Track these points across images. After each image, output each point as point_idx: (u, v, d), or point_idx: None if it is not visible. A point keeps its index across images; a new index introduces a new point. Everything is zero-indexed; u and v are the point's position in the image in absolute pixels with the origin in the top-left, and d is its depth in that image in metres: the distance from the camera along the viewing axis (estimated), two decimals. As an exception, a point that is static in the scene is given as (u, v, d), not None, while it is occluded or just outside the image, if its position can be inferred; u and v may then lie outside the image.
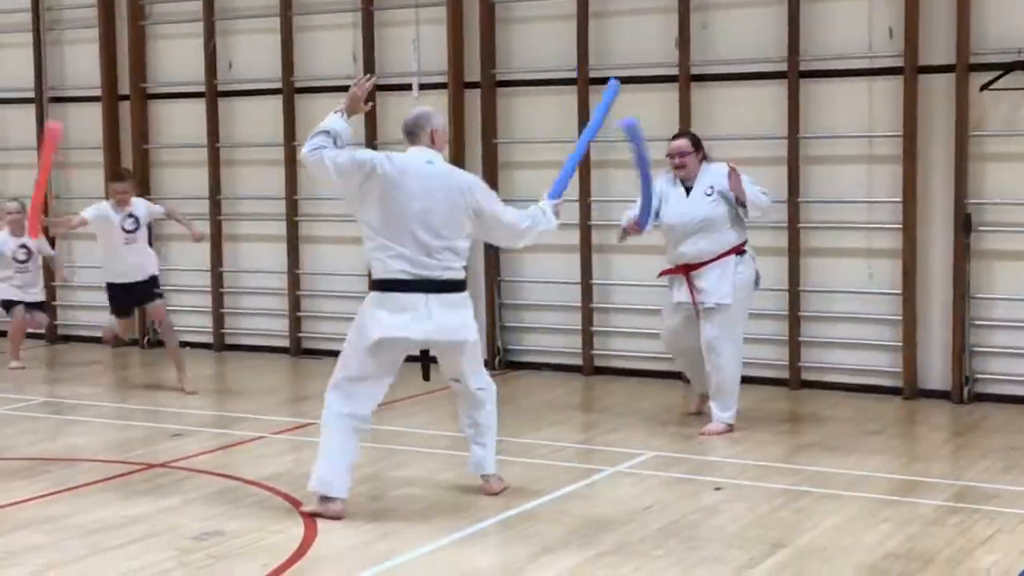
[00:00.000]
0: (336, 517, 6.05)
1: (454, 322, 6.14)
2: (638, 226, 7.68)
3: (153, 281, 9.62)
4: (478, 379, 6.42)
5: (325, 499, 6.10)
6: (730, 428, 7.87)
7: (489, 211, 6.28)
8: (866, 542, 5.70)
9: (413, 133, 6.27)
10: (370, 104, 6.38)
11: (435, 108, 6.62)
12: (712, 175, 7.81)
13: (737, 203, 7.74)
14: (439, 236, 6.07)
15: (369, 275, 6.38)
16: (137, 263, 9.52)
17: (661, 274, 8.11)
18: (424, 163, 6.15)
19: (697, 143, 7.92)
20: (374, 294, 6.14)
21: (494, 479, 6.56)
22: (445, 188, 6.13)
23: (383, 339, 6.04)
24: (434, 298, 6.07)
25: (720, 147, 9.56)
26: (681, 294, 7.89)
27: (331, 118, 6.15)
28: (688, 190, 7.87)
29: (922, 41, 8.87)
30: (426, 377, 6.40)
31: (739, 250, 7.81)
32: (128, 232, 9.42)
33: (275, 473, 7.04)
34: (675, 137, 8.03)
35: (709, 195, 7.77)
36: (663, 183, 7.90)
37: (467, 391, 6.42)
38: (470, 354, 6.32)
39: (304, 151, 6.13)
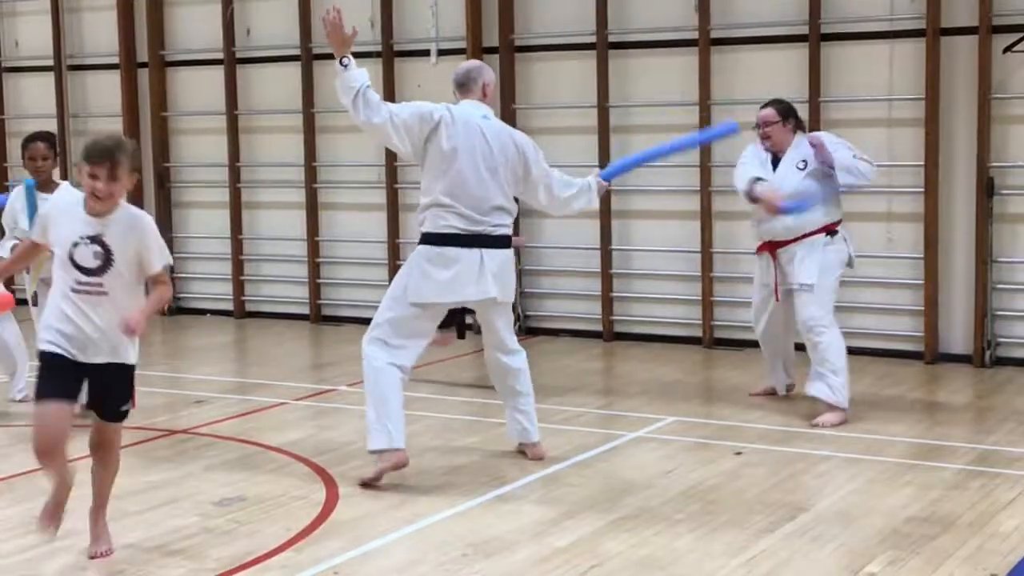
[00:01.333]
0: (401, 465, 6.04)
1: (506, 279, 6.14)
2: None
3: None
4: (513, 340, 6.42)
5: (387, 453, 6.02)
6: (844, 416, 7.21)
7: (537, 172, 6.25)
8: (887, 506, 5.70)
9: (465, 86, 6.20)
10: (353, 27, 6.00)
11: (449, 74, 6.51)
12: (807, 148, 7.25)
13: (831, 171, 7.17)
14: (493, 192, 6.05)
15: (421, 233, 6.17)
16: None
17: (758, 250, 7.57)
18: (480, 117, 6.11)
19: (787, 112, 7.35)
20: (424, 248, 6.05)
21: (540, 446, 6.52)
22: (500, 144, 6.09)
23: (435, 303, 6.06)
24: (488, 254, 6.04)
25: (740, 111, 9.51)
26: (765, 273, 7.47)
27: (351, 73, 5.86)
28: (777, 163, 7.32)
29: (944, 3, 8.80)
30: (461, 335, 6.40)
31: (830, 229, 7.29)
32: None
33: (296, 439, 7.07)
34: (764, 106, 7.43)
35: (801, 169, 7.21)
36: (751, 152, 7.41)
37: (505, 352, 6.38)
38: (508, 314, 6.34)
39: (360, 118, 5.90)
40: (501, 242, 6.11)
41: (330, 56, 6.04)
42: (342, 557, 5.13)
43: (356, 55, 6.00)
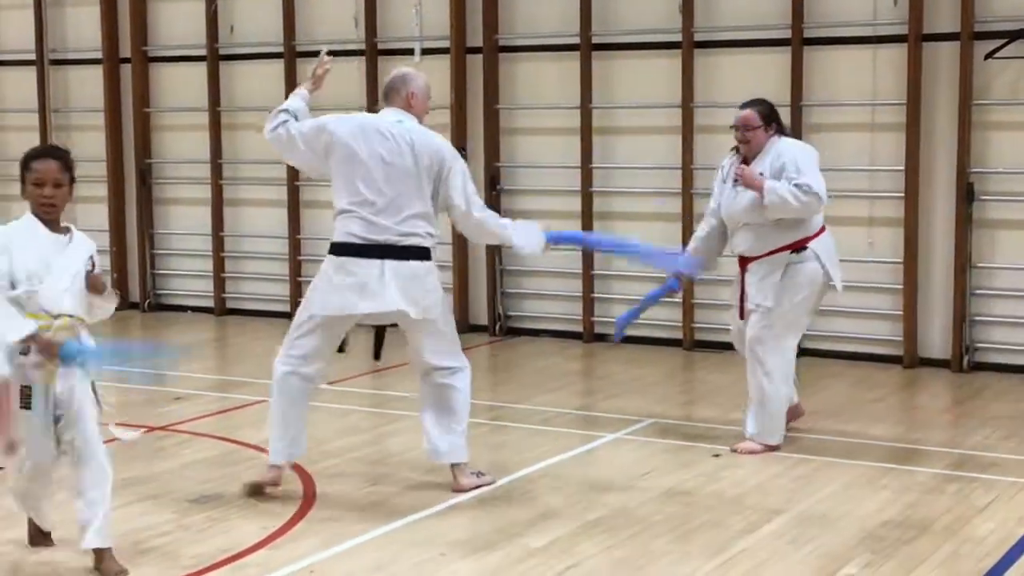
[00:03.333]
0: (271, 484, 5.85)
1: (417, 292, 5.75)
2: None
3: None
4: (448, 359, 5.95)
5: (272, 467, 5.89)
6: (770, 448, 6.70)
7: (452, 181, 5.82)
8: (865, 509, 5.72)
9: (387, 95, 5.98)
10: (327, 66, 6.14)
11: (433, 73, 6.49)
12: (775, 156, 6.63)
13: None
14: (404, 198, 5.73)
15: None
16: None
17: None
18: (393, 122, 5.85)
19: (769, 116, 6.72)
20: (329, 258, 5.83)
21: (465, 472, 6.02)
22: (410, 148, 5.77)
23: (329, 317, 5.79)
24: (391, 265, 5.70)
25: (722, 113, 9.52)
26: (734, 290, 6.91)
27: (290, 99, 6.02)
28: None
29: (926, 8, 8.82)
30: (377, 356, 6.06)
31: (796, 246, 6.63)
32: None
33: (275, 437, 7.04)
34: (743, 105, 6.82)
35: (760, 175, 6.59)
36: (727, 159, 6.89)
37: (429, 372, 5.96)
38: (434, 332, 5.89)
39: (266, 131, 5.95)
40: (412, 252, 5.74)
41: (313, 54, 6.06)
42: (318, 556, 5.13)
43: (339, 53, 6.04)
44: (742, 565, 5.02)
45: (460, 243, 10.26)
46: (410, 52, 10.46)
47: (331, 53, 6.21)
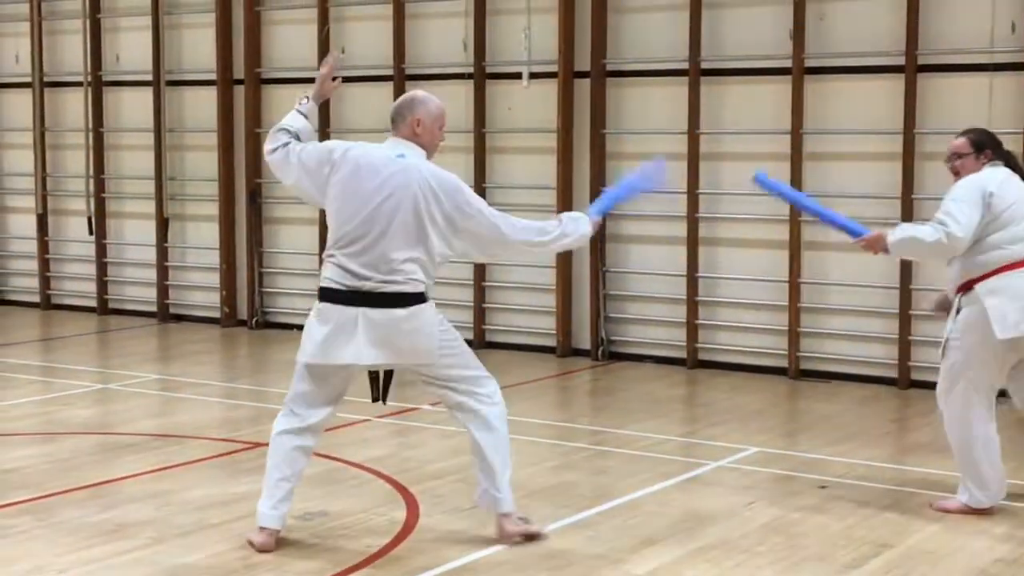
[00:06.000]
0: (263, 549, 5.39)
1: (401, 344, 5.27)
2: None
3: None
4: (470, 400, 5.48)
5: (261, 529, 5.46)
6: (972, 509, 6.05)
7: (476, 216, 5.31)
8: (975, 546, 5.59)
9: (393, 121, 5.43)
10: (338, 81, 5.72)
11: (541, 97, 6.11)
12: None
13: None
14: (390, 243, 5.19)
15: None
16: None
17: None
18: (393, 157, 5.30)
19: (980, 143, 6.11)
20: (314, 304, 5.37)
21: (512, 520, 5.56)
22: (406, 187, 5.21)
23: (316, 363, 5.35)
24: (367, 313, 5.20)
25: (833, 141, 9.45)
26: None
27: (290, 114, 5.57)
28: None
29: (1046, 35, 8.66)
30: (375, 399, 5.58)
31: (965, 287, 5.99)
32: None
33: (378, 456, 7.10)
34: (959, 135, 6.25)
35: None
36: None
37: (460, 411, 5.52)
38: (447, 371, 5.44)
39: (265, 150, 5.54)
40: (392, 300, 5.21)
41: (423, 77, 6.01)
42: (421, 576, 5.15)
43: (448, 77, 5.96)
44: (849, 599, 4.92)
45: (563, 267, 10.27)
46: (518, 76, 10.52)
47: (440, 77, 6.03)
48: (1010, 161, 6.17)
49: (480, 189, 10.73)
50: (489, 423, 5.48)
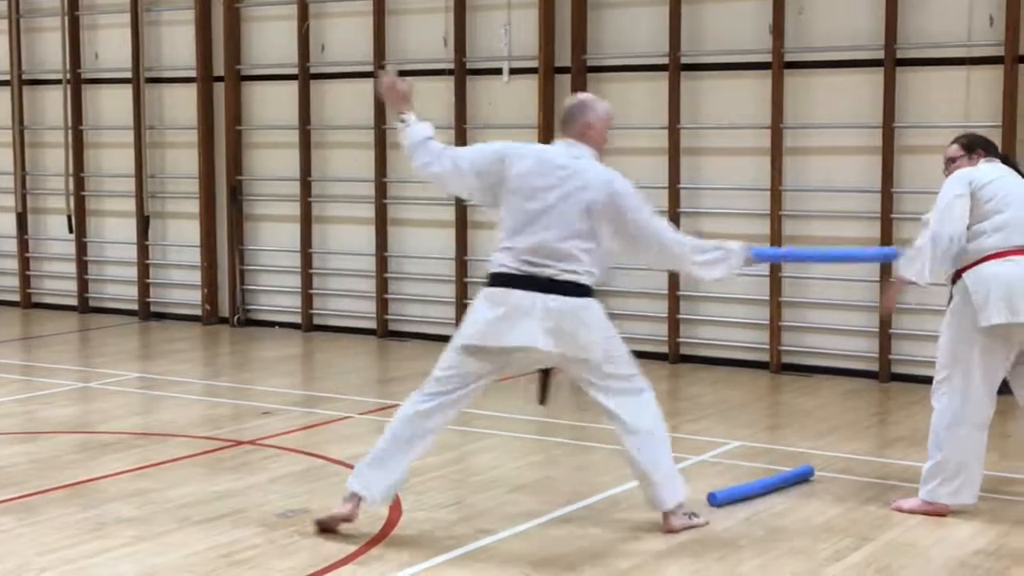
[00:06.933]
0: (343, 519, 5.57)
1: (569, 329, 5.42)
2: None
3: None
4: (619, 406, 5.66)
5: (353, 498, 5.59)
6: (935, 509, 5.98)
7: (632, 219, 5.55)
8: (956, 538, 5.62)
9: (564, 123, 5.68)
10: (408, 80, 5.76)
11: (522, 93, 6.35)
12: None
13: None
14: (562, 235, 5.43)
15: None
16: None
17: None
18: (569, 156, 5.57)
19: (971, 145, 6.27)
20: (483, 289, 5.57)
21: (677, 515, 5.74)
22: (582, 185, 5.48)
23: (477, 345, 5.50)
24: (546, 301, 5.39)
25: (813, 135, 9.48)
26: None
27: (413, 128, 5.63)
28: None
29: (1024, 29, 8.70)
30: (542, 400, 5.74)
31: (955, 276, 6.04)
32: None
33: (360, 453, 6.99)
34: (950, 143, 6.41)
35: None
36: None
37: (612, 420, 5.69)
38: (599, 372, 5.60)
39: (418, 164, 5.63)
40: (570, 289, 5.43)
41: (403, 73, 5.98)
42: (403, 573, 5.14)
43: (428, 73, 6.00)
44: (830, 592, 4.94)
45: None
46: (499, 72, 10.51)
47: (419, 72, 6.17)
48: (1005, 160, 6.28)
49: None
50: (637, 426, 5.67)
